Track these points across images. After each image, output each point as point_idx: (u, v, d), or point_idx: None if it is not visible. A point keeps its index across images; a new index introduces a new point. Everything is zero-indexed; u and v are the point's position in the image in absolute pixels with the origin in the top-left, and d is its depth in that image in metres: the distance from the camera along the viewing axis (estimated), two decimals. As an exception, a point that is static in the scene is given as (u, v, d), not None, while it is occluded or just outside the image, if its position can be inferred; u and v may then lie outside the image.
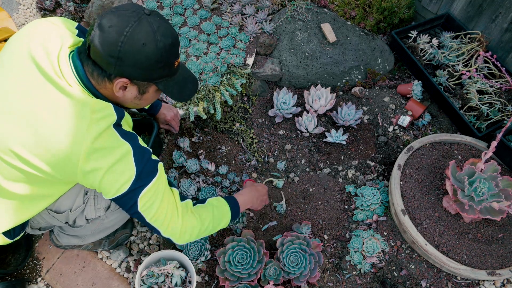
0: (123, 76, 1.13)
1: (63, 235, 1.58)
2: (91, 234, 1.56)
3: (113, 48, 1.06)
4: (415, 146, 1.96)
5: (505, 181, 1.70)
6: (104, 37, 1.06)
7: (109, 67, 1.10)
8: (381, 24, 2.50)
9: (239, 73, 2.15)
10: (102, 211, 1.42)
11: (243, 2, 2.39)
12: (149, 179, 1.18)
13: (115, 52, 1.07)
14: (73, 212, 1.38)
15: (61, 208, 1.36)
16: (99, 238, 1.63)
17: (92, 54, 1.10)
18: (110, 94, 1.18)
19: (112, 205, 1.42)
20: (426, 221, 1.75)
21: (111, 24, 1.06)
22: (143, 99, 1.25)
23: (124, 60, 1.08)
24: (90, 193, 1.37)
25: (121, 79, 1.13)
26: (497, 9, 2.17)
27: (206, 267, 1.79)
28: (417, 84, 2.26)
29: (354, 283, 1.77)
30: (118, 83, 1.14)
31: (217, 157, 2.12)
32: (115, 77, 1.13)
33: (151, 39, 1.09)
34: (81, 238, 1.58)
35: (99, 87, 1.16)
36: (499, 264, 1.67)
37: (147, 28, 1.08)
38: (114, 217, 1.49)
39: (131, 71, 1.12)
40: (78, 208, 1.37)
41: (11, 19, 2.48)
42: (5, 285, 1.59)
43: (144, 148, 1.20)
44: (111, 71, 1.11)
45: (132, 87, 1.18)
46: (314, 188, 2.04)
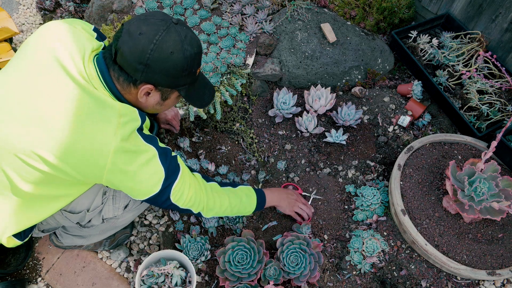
0: (149, 82, 1.16)
1: (66, 236, 1.58)
2: (98, 234, 1.57)
3: (142, 55, 1.10)
4: (415, 146, 1.96)
5: (505, 181, 1.70)
6: (133, 44, 1.09)
7: (136, 73, 1.13)
8: (381, 24, 2.50)
9: (239, 73, 2.15)
10: (120, 210, 1.43)
11: (243, 2, 2.39)
12: (176, 174, 1.25)
13: (144, 59, 1.10)
14: (91, 213, 1.37)
15: (77, 208, 1.35)
16: (104, 237, 1.63)
17: (119, 59, 1.12)
18: (133, 99, 1.22)
19: (130, 204, 1.43)
20: (426, 221, 1.75)
21: (141, 32, 1.09)
22: (164, 105, 1.30)
23: (152, 67, 1.12)
24: (109, 193, 1.37)
25: (147, 85, 1.17)
26: (497, 9, 2.17)
27: (206, 267, 1.79)
28: (417, 84, 2.26)
29: (354, 283, 1.77)
30: (144, 89, 1.17)
31: (217, 157, 2.12)
32: (140, 83, 1.16)
33: (179, 48, 1.13)
34: (86, 238, 1.59)
35: (124, 92, 1.19)
36: (499, 264, 1.67)
37: (175, 37, 1.12)
38: (129, 216, 1.51)
39: (157, 78, 1.16)
40: (96, 208, 1.37)
41: (11, 19, 2.48)
42: (5, 285, 1.59)
43: (166, 148, 1.25)
44: (138, 77, 1.14)
45: (156, 93, 1.22)
46: (314, 188, 2.04)
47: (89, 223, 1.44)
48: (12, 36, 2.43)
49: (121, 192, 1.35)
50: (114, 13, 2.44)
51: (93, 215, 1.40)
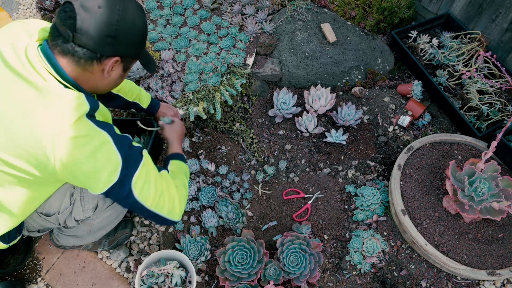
0: (115, 54, 1.14)
1: (62, 236, 1.58)
2: (88, 234, 1.56)
3: (109, 27, 1.07)
4: (415, 146, 1.96)
5: (505, 181, 1.70)
6: (97, 19, 1.06)
7: (104, 48, 1.10)
8: (381, 24, 2.50)
9: (239, 73, 2.15)
10: (90, 212, 1.40)
11: (243, 2, 2.39)
12: (136, 164, 1.18)
13: (111, 32, 1.08)
14: (61, 214, 1.37)
15: (50, 210, 1.36)
16: (98, 237, 1.63)
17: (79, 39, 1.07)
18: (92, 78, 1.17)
19: (100, 205, 1.40)
20: (426, 221, 1.75)
21: (100, 5, 1.06)
22: (124, 77, 1.28)
23: (119, 38, 1.10)
24: (76, 194, 1.35)
25: (114, 58, 1.14)
26: (497, 9, 2.17)
27: (206, 267, 1.79)
28: (417, 84, 2.26)
29: (354, 283, 1.77)
30: (112, 63, 1.14)
31: (217, 157, 2.12)
32: (106, 58, 1.13)
33: (137, 15, 1.14)
34: (80, 238, 1.58)
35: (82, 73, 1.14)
36: (499, 264, 1.67)
37: (132, 5, 1.12)
38: (105, 216, 1.47)
39: (124, 49, 1.14)
40: (65, 210, 1.36)
41: (11, 19, 2.48)
42: (5, 285, 1.59)
43: (123, 136, 1.18)
44: (105, 51, 1.11)
45: (119, 65, 1.20)
46: (314, 188, 2.04)
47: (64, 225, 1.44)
48: None
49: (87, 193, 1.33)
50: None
51: (65, 216, 1.39)
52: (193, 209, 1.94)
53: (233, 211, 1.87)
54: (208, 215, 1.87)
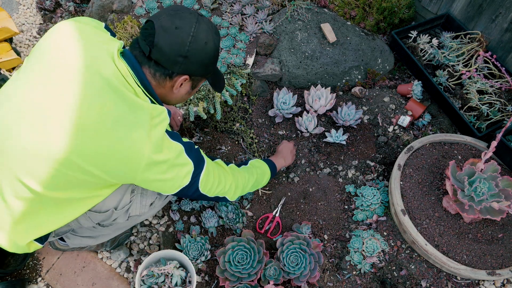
0: (185, 73, 1.23)
1: (74, 237, 1.57)
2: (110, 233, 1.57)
3: (182, 48, 1.16)
4: (415, 146, 1.96)
5: (505, 181, 1.70)
6: (172, 38, 1.14)
7: (175, 66, 1.19)
8: (381, 24, 2.50)
9: (239, 73, 2.15)
10: (146, 208, 1.44)
11: (243, 2, 2.39)
12: (202, 165, 1.33)
13: (183, 52, 1.16)
14: (119, 211, 1.37)
15: (103, 207, 1.34)
16: (113, 236, 1.64)
17: (155, 55, 1.16)
18: (164, 92, 1.27)
19: (156, 200, 1.45)
20: (426, 221, 1.75)
21: (177, 26, 1.15)
22: (191, 93, 1.38)
23: (190, 58, 1.19)
24: (137, 190, 1.38)
25: (183, 76, 1.23)
26: (497, 9, 2.17)
27: (206, 267, 1.79)
28: (417, 84, 2.26)
29: (354, 283, 1.77)
30: (180, 80, 1.24)
31: (217, 157, 2.12)
32: (176, 75, 1.22)
33: (211, 38, 1.21)
34: (95, 238, 1.58)
35: (158, 87, 1.24)
36: (499, 264, 1.67)
37: (206, 28, 1.20)
38: (151, 213, 1.52)
39: (193, 68, 1.23)
40: (125, 206, 1.37)
41: (11, 19, 2.48)
42: (5, 285, 1.59)
43: (189, 142, 1.31)
44: (176, 69, 1.20)
45: (188, 83, 1.29)
46: (314, 188, 2.04)
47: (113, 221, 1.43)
48: (12, 36, 2.43)
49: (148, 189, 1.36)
50: (114, 13, 2.44)
51: (120, 213, 1.39)
52: (193, 209, 1.94)
53: (233, 211, 1.87)
54: (208, 215, 1.87)
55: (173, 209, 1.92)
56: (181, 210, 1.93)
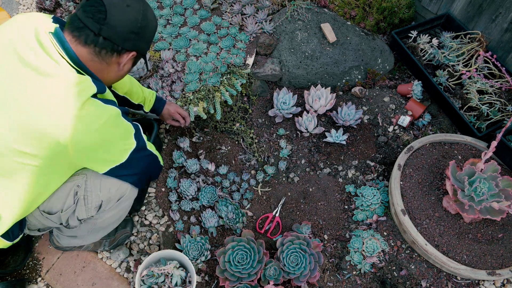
0: (134, 49, 1.25)
1: (62, 237, 1.58)
2: (89, 234, 1.55)
3: (134, 24, 1.20)
4: (415, 146, 1.96)
5: (505, 181, 1.70)
6: (125, 16, 1.18)
7: (125, 42, 1.21)
8: (381, 24, 2.50)
9: (239, 73, 2.15)
10: (93, 211, 1.41)
11: (243, 2, 2.39)
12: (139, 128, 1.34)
13: (135, 28, 1.21)
14: (64, 213, 1.37)
15: (53, 209, 1.35)
16: (99, 237, 1.62)
17: (106, 32, 1.17)
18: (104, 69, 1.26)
19: (104, 205, 1.41)
20: (426, 221, 1.75)
21: (128, 4, 1.19)
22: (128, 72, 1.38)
23: (141, 35, 1.24)
24: (80, 193, 1.35)
25: (132, 52, 1.25)
26: (497, 9, 2.17)
27: (206, 267, 1.79)
28: (417, 84, 2.26)
29: (354, 283, 1.77)
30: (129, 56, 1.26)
31: (217, 157, 2.12)
32: (125, 52, 1.24)
33: (153, 16, 1.29)
34: (81, 238, 1.58)
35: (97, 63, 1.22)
36: (499, 264, 1.67)
37: (148, 6, 1.27)
38: (109, 216, 1.48)
39: (142, 45, 1.28)
40: (68, 208, 1.36)
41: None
42: (5, 285, 1.59)
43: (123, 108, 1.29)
44: (127, 45, 1.22)
45: (131, 60, 1.31)
46: (314, 188, 2.04)
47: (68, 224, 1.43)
48: None
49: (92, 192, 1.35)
50: (114, 13, 2.43)
51: (68, 215, 1.39)
52: (193, 209, 1.94)
53: (233, 211, 1.87)
54: (208, 215, 1.87)
55: (173, 209, 1.92)
56: (181, 210, 1.93)
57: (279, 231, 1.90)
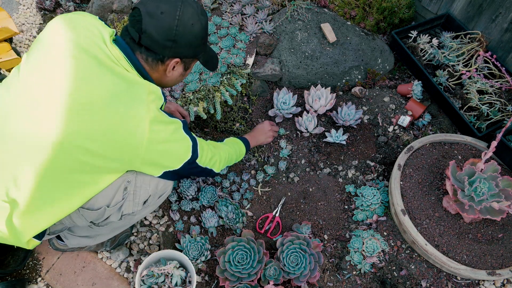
0: (176, 56, 1.27)
1: (72, 237, 1.56)
2: (107, 233, 1.56)
3: (169, 32, 1.19)
4: (415, 146, 1.96)
5: (505, 181, 1.70)
6: (158, 23, 1.17)
7: (165, 51, 1.23)
8: (381, 24, 2.50)
9: (239, 73, 2.15)
10: (139, 206, 1.43)
11: (243, 2, 2.39)
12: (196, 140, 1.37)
13: (171, 36, 1.20)
14: (111, 208, 1.36)
15: (96, 204, 1.33)
16: (110, 237, 1.63)
17: (145, 41, 1.20)
18: (158, 77, 1.32)
19: (150, 199, 1.44)
20: (426, 221, 1.75)
21: (162, 11, 1.17)
22: (185, 75, 1.42)
23: (179, 41, 1.22)
24: (130, 188, 1.37)
25: (174, 59, 1.27)
26: (497, 9, 2.17)
27: (206, 267, 1.79)
28: (417, 84, 2.26)
29: (354, 283, 1.77)
30: (172, 63, 1.28)
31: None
32: (168, 59, 1.26)
33: (197, 19, 1.24)
34: (93, 238, 1.58)
35: (152, 71, 1.28)
36: (499, 264, 1.67)
37: (191, 9, 1.23)
38: (146, 212, 1.52)
39: (183, 51, 1.27)
40: (117, 204, 1.36)
41: (11, 19, 2.48)
42: (5, 285, 1.59)
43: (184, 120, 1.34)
44: (166, 53, 1.24)
45: (180, 65, 1.33)
46: (314, 188, 2.04)
47: (105, 220, 1.42)
48: (12, 36, 2.43)
49: (142, 187, 1.38)
50: (114, 13, 2.44)
51: (113, 211, 1.38)
52: (193, 209, 1.94)
53: (233, 211, 1.87)
54: (208, 215, 1.87)
55: (173, 209, 1.92)
56: (181, 210, 1.93)
57: (279, 231, 1.90)
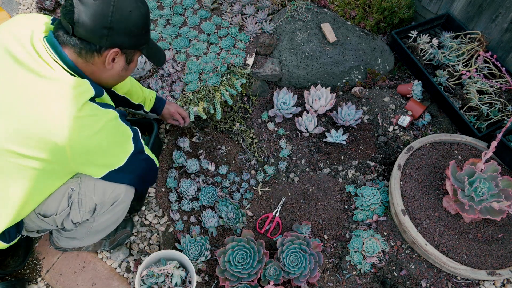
0: (114, 46, 1.19)
1: (62, 238, 1.57)
2: (87, 236, 1.55)
3: (104, 19, 1.12)
4: (415, 146, 1.96)
5: (505, 181, 1.70)
6: (92, 11, 1.11)
7: (101, 40, 1.15)
8: (381, 24, 2.50)
9: (239, 73, 2.15)
10: (87, 215, 1.39)
11: (243, 2, 2.39)
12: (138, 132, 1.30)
13: (106, 23, 1.13)
14: (58, 216, 1.35)
15: (48, 212, 1.34)
16: (98, 239, 1.62)
17: (78, 31, 1.13)
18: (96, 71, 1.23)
19: (98, 208, 1.39)
20: (426, 221, 1.75)
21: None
22: (129, 69, 1.33)
23: (116, 29, 1.15)
24: (74, 196, 1.34)
25: (113, 49, 1.19)
26: (497, 9, 2.17)
27: (206, 267, 1.79)
28: (417, 84, 2.26)
29: (354, 283, 1.77)
30: (111, 54, 1.19)
31: (217, 157, 2.12)
32: (106, 49, 1.18)
33: (135, 6, 1.18)
34: (80, 240, 1.57)
35: (86, 65, 1.20)
36: (499, 264, 1.67)
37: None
38: (104, 220, 1.47)
39: (122, 40, 1.19)
40: (63, 211, 1.35)
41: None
42: (5, 285, 1.59)
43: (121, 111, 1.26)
44: (103, 43, 1.16)
45: (121, 57, 1.24)
46: (314, 188, 2.04)
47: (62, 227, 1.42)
48: None
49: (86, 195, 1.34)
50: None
51: (62, 218, 1.37)
52: (193, 209, 1.94)
53: (233, 211, 1.87)
54: (208, 215, 1.87)
55: (173, 209, 1.92)
56: (181, 210, 1.93)
57: (279, 231, 1.90)
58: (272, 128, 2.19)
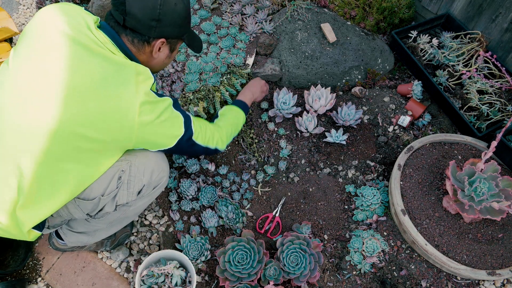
0: (161, 36, 1.29)
1: (71, 234, 1.57)
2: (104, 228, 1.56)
3: (153, 11, 1.22)
4: (415, 146, 1.96)
5: (505, 181, 1.70)
6: (143, 4, 1.20)
7: (150, 31, 1.25)
8: (381, 24, 2.50)
9: (239, 73, 2.15)
10: (134, 196, 1.42)
11: (243, 2, 2.39)
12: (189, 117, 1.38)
13: (155, 15, 1.22)
14: (105, 197, 1.35)
15: (91, 194, 1.33)
16: (108, 234, 1.63)
17: (129, 23, 1.22)
18: (145, 59, 1.34)
19: (144, 189, 1.44)
20: (426, 221, 1.75)
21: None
22: (171, 57, 1.44)
23: (163, 21, 1.25)
24: (124, 177, 1.37)
25: (160, 39, 1.30)
26: (497, 9, 2.17)
27: (206, 267, 1.79)
28: (417, 84, 2.26)
29: (354, 283, 1.77)
30: (158, 44, 1.30)
31: (217, 157, 2.12)
32: (153, 39, 1.29)
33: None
34: (91, 235, 1.57)
35: (138, 53, 1.31)
36: (499, 264, 1.67)
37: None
38: (141, 204, 1.52)
39: (168, 31, 1.29)
40: (111, 193, 1.36)
41: (11, 19, 2.48)
42: (5, 285, 1.59)
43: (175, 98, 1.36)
44: (152, 33, 1.26)
45: (166, 46, 1.35)
46: (314, 188, 2.04)
47: (100, 211, 1.42)
48: (12, 36, 2.43)
49: (136, 177, 1.38)
50: (114, 13, 2.43)
51: (107, 200, 1.38)
52: (193, 209, 1.94)
53: (233, 211, 1.87)
54: (208, 215, 1.87)
55: (173, 209, 1.92)
56: (181, 210, 1.93)
57: (279, 231, 1.90)
58: (272, 128, 2.19)
